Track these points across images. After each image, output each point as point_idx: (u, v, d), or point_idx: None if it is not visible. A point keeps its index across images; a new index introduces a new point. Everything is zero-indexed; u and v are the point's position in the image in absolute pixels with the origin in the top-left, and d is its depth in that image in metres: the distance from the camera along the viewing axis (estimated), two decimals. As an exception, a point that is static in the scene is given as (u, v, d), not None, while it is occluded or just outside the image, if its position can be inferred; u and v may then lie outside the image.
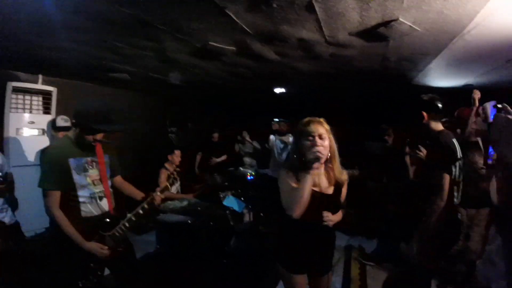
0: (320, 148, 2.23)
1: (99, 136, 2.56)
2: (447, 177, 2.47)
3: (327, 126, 2.37)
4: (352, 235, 5.51)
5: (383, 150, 5.49)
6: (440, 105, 2.77)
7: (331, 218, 2.32)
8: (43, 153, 4.42)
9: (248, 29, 3.10)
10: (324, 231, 2.40)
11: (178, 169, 3.08)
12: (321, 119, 2.39)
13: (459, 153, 2.64)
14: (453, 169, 2.54)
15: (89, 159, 2.64)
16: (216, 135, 7.29)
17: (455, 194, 2.60)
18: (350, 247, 5.00)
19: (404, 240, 3.60)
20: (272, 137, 7.51)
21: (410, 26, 2.93)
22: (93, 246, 2.48)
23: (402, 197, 4.43)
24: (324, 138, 2.29)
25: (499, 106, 1.72)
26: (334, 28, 3.07)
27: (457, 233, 2.79)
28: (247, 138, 7.56)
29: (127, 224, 2.67)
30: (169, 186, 2.95)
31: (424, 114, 2.76)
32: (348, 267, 4.38)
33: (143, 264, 4.06)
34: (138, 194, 2.97)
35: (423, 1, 2.47)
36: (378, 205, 5.17)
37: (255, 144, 7.51)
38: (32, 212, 4.06)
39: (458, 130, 3.53)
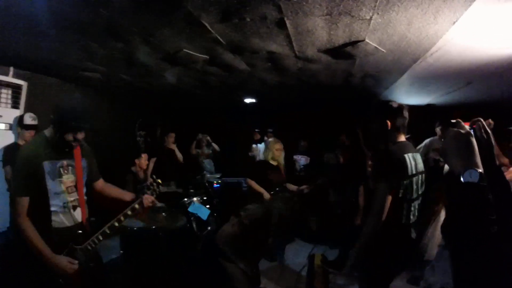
0: None
1: (80, 136, 2.31)
2: (387, 195, 2.24)
3: None
4: (316, 244, 5.62)
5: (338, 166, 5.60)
6: (406, 115, 2.50)
7: None
8: (8, 151, 4.28)
9: (221, 39, 3.14)
10: None
11: (159, 180, 2.80)
12: None
13: (412, 170, 2.36)
14: (401, 187, 2.28)
15: (65, 162, 2.35)
16: (172, 134, 6.65)
17: (404, 212, 2.35)
18: (313, 256, 5.08)
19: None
20: (256, 145, 7.68)
21: (376, 47, 3.06)
22: (62, 261, 2.22)
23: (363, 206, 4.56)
24: None
25: (453, 121, 1.80)
26: (303, 44, 3.17)
27: (407, 253, 2.64)
28: (207, 139, 7.39)
29: (100, 238, 2.42)
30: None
31: (389, 122, 2.44)
32: (311, 275, 4.45)
33: (107, 271, 3.97)
34: (127, 195, 2.70)
35: (389, 25, 2.59)
36: (340, 215, 5.28)
37: (215, 146, 7.44)
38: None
39: None
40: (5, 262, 3.21)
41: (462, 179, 1.42)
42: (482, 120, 1.67)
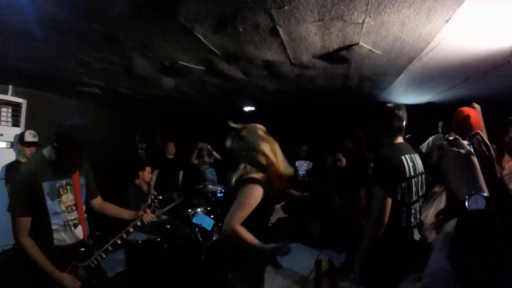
0: None
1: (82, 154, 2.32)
2: (385, 199, 2.18)
3: None
4: (321, 249, 5.57)
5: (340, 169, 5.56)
6: (403, 116, 2.42)
7: None
8: (10, 169, 4.28)
9: (215, 50, 3.15)
10: None
11: (160, 197, 2.80)
12: None
13: (410, 172, 2.27)
14: (398, 190, 2.22)
15: (64, 182, 2.36)
16: (171, 144, 6.76)
17: (404, 216, 2.29)
18: (320, 261, 5.04)
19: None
20: None
21: (370, 49, 3.06)
22: (65, 278, 2.23)
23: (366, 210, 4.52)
24: None
25: (450, 138, 1.74)
26: (298, 50, 3.17)
27: (411, 256, 2.42)
28: (208, 148, 7.32)
29: (103, 255, 2.45)
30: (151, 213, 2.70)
31: (384, 124, 2.43)
32: (318, 281, 4.41)
33: (112, 285, 3.93)
34: (125, 213, 2.72)
35: (382, 27, 2.58)
36: (343, 219, 5.23)
37: (216, 154, 7.41)
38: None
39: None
40: (9, 280, 3.20)
41: (467, 205, 1.36)
42: (480, 133, 1.63)
